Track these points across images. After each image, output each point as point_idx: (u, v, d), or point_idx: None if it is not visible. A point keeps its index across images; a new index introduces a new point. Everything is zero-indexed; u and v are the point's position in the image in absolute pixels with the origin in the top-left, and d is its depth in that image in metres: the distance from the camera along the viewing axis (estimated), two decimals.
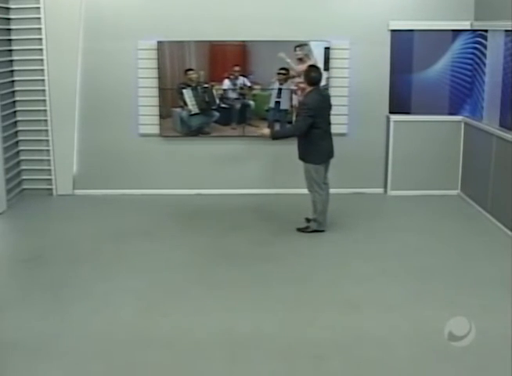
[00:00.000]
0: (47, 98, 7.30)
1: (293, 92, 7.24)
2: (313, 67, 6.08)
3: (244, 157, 7.47)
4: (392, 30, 7.29)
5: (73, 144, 7.47)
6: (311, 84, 5.94)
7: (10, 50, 7.21)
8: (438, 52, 7.34)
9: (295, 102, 7.16)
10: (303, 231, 6.22)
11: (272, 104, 7.33)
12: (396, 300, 4.80)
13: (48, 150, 7.45)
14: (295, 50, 7.16)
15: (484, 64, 7.03)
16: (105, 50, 7.27)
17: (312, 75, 5.93)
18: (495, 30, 6.70)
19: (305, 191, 6.21)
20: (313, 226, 6.20)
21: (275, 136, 6.06)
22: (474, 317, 4.27)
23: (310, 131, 5.87)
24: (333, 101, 7.26)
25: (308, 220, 6.30)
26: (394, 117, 7.45)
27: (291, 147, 6.19)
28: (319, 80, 6.01)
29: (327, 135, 6.07)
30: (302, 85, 6.10)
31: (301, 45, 7.16)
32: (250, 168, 7.54)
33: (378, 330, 4.34)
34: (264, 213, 6.84)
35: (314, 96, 5.91)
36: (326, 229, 6.24)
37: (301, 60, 7.16)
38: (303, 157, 6.03)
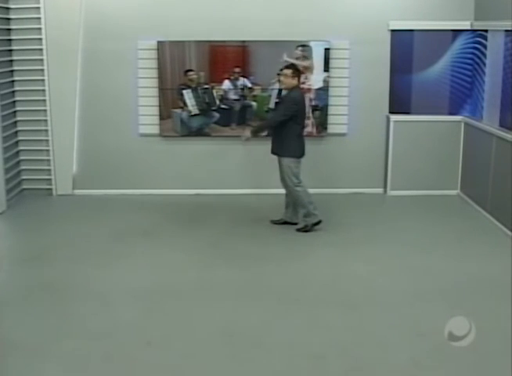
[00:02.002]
0: (47, 98, 7.30)
1: None
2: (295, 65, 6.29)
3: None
4: (392, 30, 7.30)
5: (73, 144, 7.47)
6: (299, 81, 6.13)
7: (10, 50, 7.21)
8: (438, 52, 7.33)
9: None
10: (302, 230, 6.22)
11: (271, 105, 7.33)
12: (396, 300, 4.81)
13: (48, 150, 7.44)
14: (296, 49, 7.16)
15: (484, 64, 7.03)
16: (105, 50, 7.26)
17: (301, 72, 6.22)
18: (495, 30, 6.70)
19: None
20: (309, 221, 6.19)
21: (253, 131, 6.25)
22: (474, 317, 4.27)
23: (291, 126, 6.03)
24: (333, 101, 7.37)
25: (274, 222, 6.41)
26: (394, 117, 7.45)
27: None
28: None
29: (303, 132, 6.25)
30: (282, 78, 6.13)
31: (304, 45, 7.16)
32: (250, 169, 7.54)
33: (378, 330, 4.35)
34: (263, 213, 6.84)
35: (299, 93, 6.11)
36: (325, 228, 6.24)
37: (296, 60, 7.14)
38: (283, 152, 6.11)
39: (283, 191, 6.34)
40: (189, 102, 7.34)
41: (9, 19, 7.15)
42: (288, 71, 6.03)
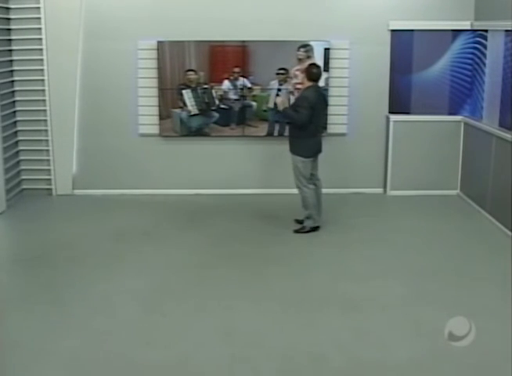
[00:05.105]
0: (47, 98, 7.30)
1: (290, 92, 7.22)
2: (314, 65, 6.15)
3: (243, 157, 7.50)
4: (392, 30, 7.30)
5: (73, 144, 7.48)
6: (310, 80, 6.00)
7: (10, 50, 7.21)
8: (438, 52, 7.34)
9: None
10: (300, 232, 6.22)
11: (271, 104, 7.33)
12: (396, 300, 4.81)
13: (47, 150, 7.44)
14: (298, 50, 7.16)
15: (484, 64, 7.03)
16: (105, 50, 7.27)
17: (313, 71, 6.00)
18: (495, 30, 6.70)
19: None
20: (309, 224, 6.20)
21: (284, 111, 6.08)
22: (474, 317, 4.27)
23: (305, 124, 5.97)
24: (333, 101, 7.34)
25: (298, 221, 6.34)
26: (393, 117, 7.45)
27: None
28: (319, 77, 6.09)
29: (318, 132, 6.18)
30: (300, 86, 6.14)
31: (305, 45, 7.16)
32: (249, 168, 7.54)
33: (378, 330, 4.35)
34: (263, 213, 6.84)
35: (312, 92, 6.00)
36: (325, 228, 6.25)
37: (300, 60, 7.15)
38: (292, 150, 6.11)
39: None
40: (188, 102, 7.34)
41: (9, 19, 7.15)
42: (301, 75, 6.07)
